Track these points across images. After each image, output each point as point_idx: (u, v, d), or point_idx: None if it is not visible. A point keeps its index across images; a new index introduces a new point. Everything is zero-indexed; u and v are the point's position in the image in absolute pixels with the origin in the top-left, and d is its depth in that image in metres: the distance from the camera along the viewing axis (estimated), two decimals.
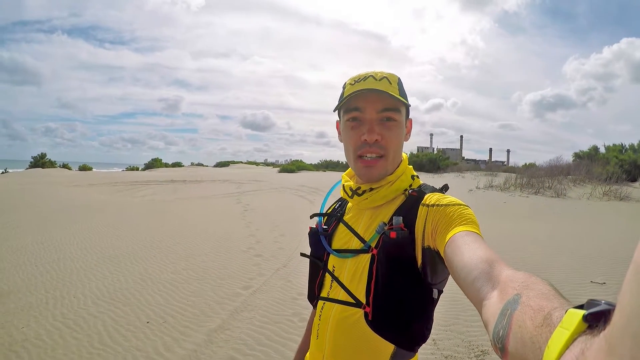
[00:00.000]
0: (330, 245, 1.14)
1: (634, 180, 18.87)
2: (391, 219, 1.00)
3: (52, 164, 34.97)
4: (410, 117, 1.15)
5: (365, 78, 1.04)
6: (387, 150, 1.04)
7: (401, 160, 1.12)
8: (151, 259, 6.21)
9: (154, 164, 43.55)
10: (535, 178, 16.93)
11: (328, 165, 50.13)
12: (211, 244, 7.30)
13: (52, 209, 10.70)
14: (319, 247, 1.16)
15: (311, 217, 1.26)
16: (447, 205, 0.93)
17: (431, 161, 31.27)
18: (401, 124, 1.07)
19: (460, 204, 0.93)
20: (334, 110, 1.14)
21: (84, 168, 36.27)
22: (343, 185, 1.17)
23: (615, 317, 0.26)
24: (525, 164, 31.34)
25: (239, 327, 3.90)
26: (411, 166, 1.15)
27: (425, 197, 1.00)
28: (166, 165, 45.11)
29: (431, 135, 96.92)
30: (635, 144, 23.44)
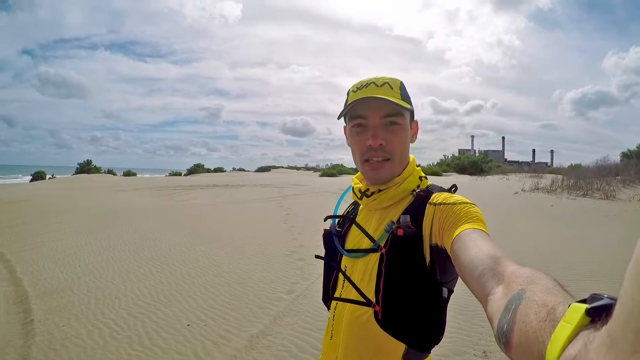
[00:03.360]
0: (343, 246, 1.19)
1: None
2: (399, 218, 1.02)
3: (97, 170, 36.08)
4: (415, 119, 1.17)
5: (367, 85, 1.08)
6: (392, 154, 1.07)
7: (408, 162, 1.14)
8: (194, 261, 6.13)
9: (197, 169, 44.26)
10: (583, 179, 16.16)
11: None
12: (254, 247, 7.18)
13: (97, 212, 10.87)
14: (333, 248, 1.21)
15: (325, 219, 1.32)
16: (453, 203, 0.94)
17: (473, 163, 30.66)
18: (405, 128, 1.09)
19: (467, 202, 0.94)
20: (338, 118, 1.16)
21: (128, 174, 37.22)
22: (353, 187, 1.21)
23: (617, 311, 0.27)
24: (571, 164, 30.35)
25: (281, 333, 3.73)
26: (419, 167, 1.18)
27: (433, 196, 1.01)
28: (208, 170, 45.78)
29: (472, 137, 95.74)
30: None
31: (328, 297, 1.22)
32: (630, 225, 9.50)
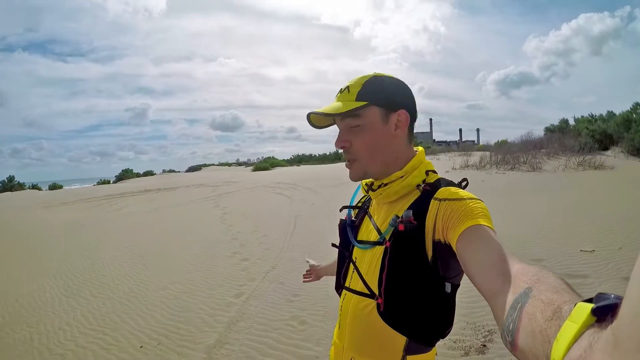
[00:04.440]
0: (356, 236, 1.21)
1: (606, 149, 19.40)
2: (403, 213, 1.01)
3: (21, 186, 33.94)
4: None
5: (340, 91, 1.11)
6: (356, 155, 1.09)
7: (413, 156, 1.12)
8: (134, 275, 5.98)
9: (126, 174, 42.62)
10: (510, 154, 17.19)
11: (301, 159, 50.09)
12: (194, 252, 7.10)
13: (22, 235, 10.18)
14: (346, 238, 1.22)
15: (340, 209, 1.34)
16: (458, 199, 0.93)
17: None
18: (367, 127, 1.07)
19: (473, 198, 0.93)
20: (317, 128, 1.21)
21: (54, 187, 35.25)
22: (361, 181, 1.22)
23: (623, 311, 0.27)
24: (498, 141, 31.74)
25: (237, 339, 3.76)
26: (429, 161, 1.15)
27: (439, 191, 1.00)
28: (138, 175, 44.34)
29: None
30: (604, 114, 24.05)
31: (340, 285, 1.24)
32: (558, 193, 10.39)
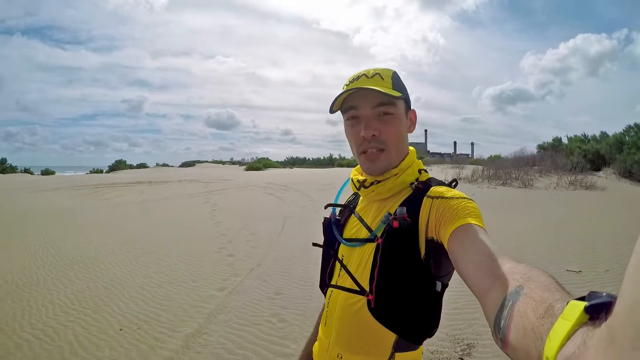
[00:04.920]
0: (341, 235, 1.20)
1: (597, 169, 19.55)
2: (396, 209, 1.02)
3: (12, 169, 33.84)
4: (412, 108, 1.17)
5: (358, 77, 1.07)
6: (386, 144, 1.07)
7: (407, 154, 1.14)
8: (120, 263, 6.04)
9: (119, 165, 42.60)
10: (502, 169, 17.25)
11: (295, 162, 50.14)
12: (182, 245, 7.16)
13: (15, 216, 10.21)
14: (331, 236, 1.22)
15: (325, 207, 1.31)
16: (451, 198, 0.94)
17: None
18: (399, 117, 1.08)
19: (465, 197, 0.95)
20: (331, 112, 1.14)
21: (46, 172, 35.12)
22: (351, 179, 1.21)
23: (617, 308, 0.27)
24: (491, 156, 31.86)
25: (216, 330, 3.83)
26: (420, 160, 1.18)
27: (431, 189, 1.02)
28: (131, 166, 44.27)
29: None
30: (597, 135, 24.19)
31: (325, 284, 1.23)
32: (548, 211, 10.44)
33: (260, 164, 37.72)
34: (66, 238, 7.78)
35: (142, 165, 47.18)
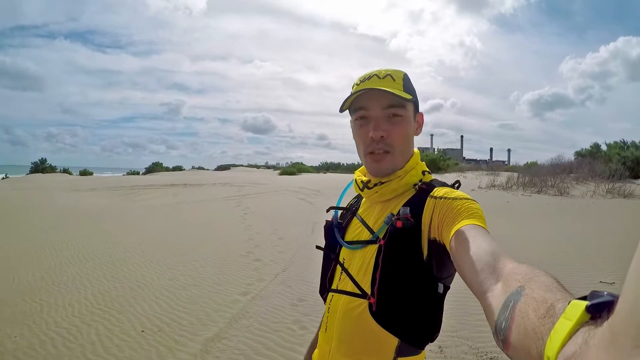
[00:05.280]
0: (343, 238, 1.17)
1: (637, 177, 18.65)
2: (399, 210, 1.00)
3: (52, 169, 34.94)
4: (420, 111, 1.16)
5: (369, 77, 1.07)
6: (392, 146, 1.06)
7: (412, 155, 1.13)
8: (148, 264, 6.11)
9: (155, 167, 43.51)
10: (538, 177, 16.68)
11: (329, 167, 50.20)
12: (210, 248, 7.19)
13: (51, 214, 10.59)
14: (333, 240, 1.19)
15: (327, 210, 1.31)
16: (454, 198, 0.93)
17: (432, 162, 31.20)
18: (407, 119, 1.08)
19: (468, 198, 0.93)
20: (341, 111, 1.13)
21: (84, 173, 36.18)
22: (355, 179, 1.20)
23: (620, 306, 0.27)
24: (527, 162, 31.07)
25: (236, 335, 3.79)
26: (423, 162, 1.17)
27: (434, 190, 1.01)
28: (167, 169, 45.09)
29: (431, 135, 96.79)
30: (637, 141, 23.23)
31: (325, 289, 1.20)
32: (583, 220, 9.96)
33: (294, 169, 37.87)
34: (97, 238, 7.96)
35: (178, 168, 48.00)
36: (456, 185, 1.08)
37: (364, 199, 1.23)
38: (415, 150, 1.16)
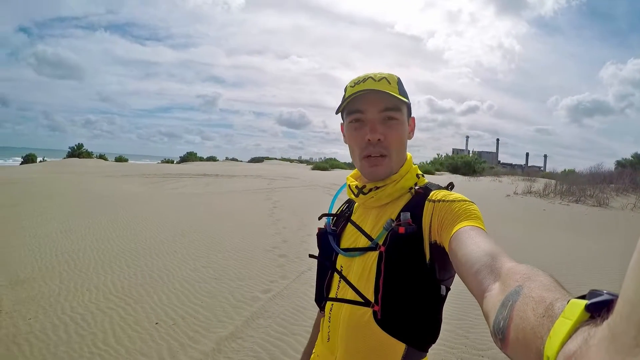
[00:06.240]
0: (338, 245, 1.16)
1: None
2: (399, 215, 1.01)
3: (88, 155, 35.78)
4: (413, 115, 1.16)
5: (364, 80, 1.06)
6: (389, 150, 1.06)
7: (406, 159, 1.14)
8: (172, 254, 6.01)
9: (189, 157, 44.12)
10: (576, 185, 16.11)
11: None
12: (235, 240, 7.05)
13: (81, 199, 10.72)
14: (328, 248, 1.18)
15: (319, 217, 1.29)
16: (452, 201, 0.94)
17: (467, 164, 30.67)
18: (403, 123, 1.08)
19: (466, 200, 0.94)
20: (337, 113, 1.14)
21: (119, 159, 37.00)
22: (349, 185, 1.19)
23: (619, 306, 0.27)
24: (565, 170, 30.21)
25: (252, 336, 3.61)
26: (416, 165, 1.16)
27: (431, 193, 1.01)
28: (201, 159, 45.70)
29: (467, 137, 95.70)
30: None
31: (322, 298, 1.18)
32: (624, 234, 9.46)
33: (326, 164, 37.80)
34: (123, 224, 7.94)
35: (212, 159, 48.58)
36: (450, 187, 1.08)
37: (356, 204, 1.22)
38: (408, 154, 1.17)
